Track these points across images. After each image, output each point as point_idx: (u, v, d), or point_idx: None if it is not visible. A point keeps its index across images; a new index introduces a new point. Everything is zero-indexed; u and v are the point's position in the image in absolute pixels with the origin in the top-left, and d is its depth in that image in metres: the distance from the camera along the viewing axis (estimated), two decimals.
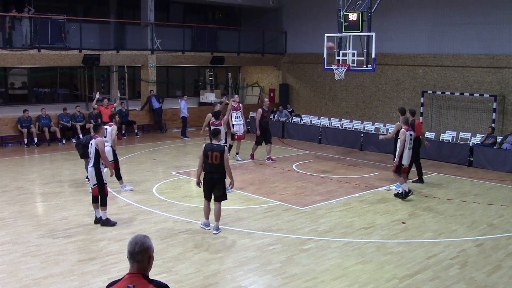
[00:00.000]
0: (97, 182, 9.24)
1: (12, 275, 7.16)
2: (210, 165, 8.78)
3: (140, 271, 3.28)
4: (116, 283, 3.31)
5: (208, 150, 8.78)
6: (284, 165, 15.07)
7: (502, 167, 14.99)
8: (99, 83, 23.72)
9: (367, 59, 14.92)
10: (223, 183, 8.92)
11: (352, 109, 22.46)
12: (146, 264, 3.30)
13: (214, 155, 8.71)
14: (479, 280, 7.27)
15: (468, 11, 18.41)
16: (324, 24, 20.86)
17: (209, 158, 8.74)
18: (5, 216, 9.86)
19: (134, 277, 3.26)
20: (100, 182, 9.25)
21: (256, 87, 27.21)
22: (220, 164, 8.72)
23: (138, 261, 3.27)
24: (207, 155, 8.76)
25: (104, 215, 9.37)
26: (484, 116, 18.06)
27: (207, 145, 8.86)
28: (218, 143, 9.01)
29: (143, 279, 3.26)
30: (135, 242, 3.30)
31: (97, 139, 9.34)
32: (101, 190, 9.30)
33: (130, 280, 3.25)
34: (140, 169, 14.16)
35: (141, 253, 3.27)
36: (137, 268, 3.28)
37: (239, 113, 15.27)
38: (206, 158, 8.78)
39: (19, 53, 17.74)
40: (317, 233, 9.15)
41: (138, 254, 3.27)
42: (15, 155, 16.22)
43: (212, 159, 8.73)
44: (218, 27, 24.55)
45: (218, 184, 8.84)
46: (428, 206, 11.08)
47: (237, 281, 7.14)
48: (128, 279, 3.27)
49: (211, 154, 8.72)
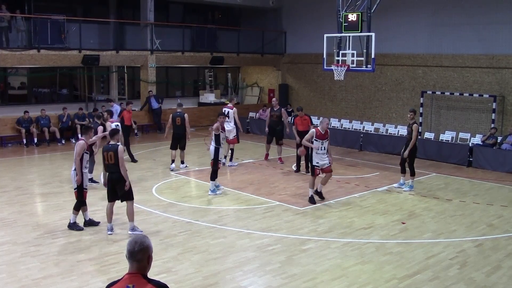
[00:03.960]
0: (77, 186, 9.06)
1: (12, 275, 7.16)
2: (107, 165, 8.78)
3: (140, 271, 3.30)
4: (115, 283, 3.32)
5: (104, 151, 8.78)
6: (284, 165, 15.07)
7: (502, 168, 14.99)
8: (98, 83, 23.72)
9: (366, 59, 14.92)
10: (123, 182, 8.78)
11: (352, 109, 22.46)
12: (145, 263, 3.31)
13: (109, 155, 8.69)
14: (478, 280, 7.27)
15: (467, 11, 18.41)
16: (323, 24, 20.85)
17: (105, 159, 8.75)
18: (5, 216, 9.86)
19: (133, 277, 3.27)
20: (80, 187, 9.06)
21: (256, 87, 27.22)
22: (116, 163, 8.67)
23: (137, 261, 3.29)
24: (103, 155, 8.78)
25: (73, 219, 9.16)
26: (484, 117, 18.06)
27: (104, 146, 8.91)
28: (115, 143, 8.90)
29: (143, 279, 3.27)
30: (134, 241, 3.32)
31: (78, 141, 9.20)
32: (80, 194, 9.09)
33: (130, 280, 3.26)
34: (139, 169, 14.15)
35: (141, 252, 3.29)
36: (137, 268, 3.30)
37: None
38: (103, 159, 8.79)
39: (18, 53, 17.74)
40: (317, 233, 9.15)
41: (138, 254, 3.28)
42: (14, 155, 16.22)
43: (108, 159, 8.73)
44: (217, 27, 24.56)
45: (118, 184, 8.77)
46: (427, 206, 11.08)
47: (236, 281, 7.14)
48: (127, 279, 3.28)
49: (106, 155, 8.72)
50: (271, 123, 15.42)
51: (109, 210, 8.94)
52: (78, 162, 9.02)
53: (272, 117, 15.43)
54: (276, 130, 15.40)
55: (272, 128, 15.41)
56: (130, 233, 8.83)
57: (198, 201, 11.15)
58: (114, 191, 8.85)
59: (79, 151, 9.04)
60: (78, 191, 9.08)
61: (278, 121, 15.37)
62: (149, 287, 3.23)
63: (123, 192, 8.80)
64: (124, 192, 8.80)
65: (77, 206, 9.15)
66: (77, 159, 9.01)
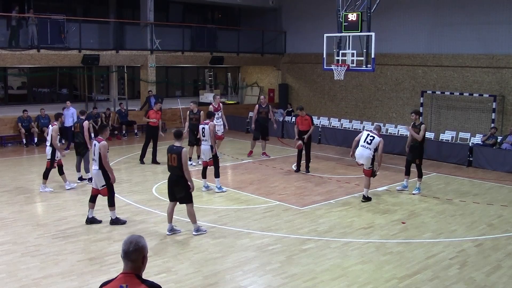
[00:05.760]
0: (105, 183, 9.22)
1: (12, 275, 7.16)
2: (169, 166, 8.71)
3: (134, 271, 3.31)
4: (109, 282, 3.33)
5: (168, 152, 8.72)
6: (284, 165, 15.07)
7: (502, 167, 14.99)
8: (98, 83, 23.72)
9: (366, 59, 14.93)
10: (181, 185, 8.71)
11: (352, 109, 22.47)
12: (140, 264, 3.33)
13: (172, 157, 8.63)
14: (478, 280, 7.28)
15: (467, 11, 18.42)
16: (323, 24, 20.86)
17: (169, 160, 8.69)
18: (5, 216, 9.85)
19: (127, 277, 3.29)
20: (108, 182, 9.24)
21: (256, 87, 27.22)
22: (178, 166, 8.58)
23: (132, 261, 3.30)
24: (167, 157, 8.72)
25: (113, 215, 9.38)
26: (484, 116, 18.07)
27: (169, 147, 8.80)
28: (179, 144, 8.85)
29: (136, 279, 3.28)
30: (129, 241, 3.34)
31: (100, 143, 9.22)
32: (110, 190, 9.30)
33: (124, 280, 3.27)
34: (139, 169, 14.15)
35: (135, 252, 3.30)
36: (131, 268, 3.31)
37: (219, 113, 15.42)
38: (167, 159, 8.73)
39: (18, 53, 17.74)
40: (317, 233, 9.15)
41: (132, 254, 3.30)
42: (14, 155, 16.23)
43: (171, 161, 8.66)
44: (217, 27, 24.56)
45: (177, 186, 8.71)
46: (427, 206, 11.08)
47: (236, 281, 7.14)
48: (121, 278, 3.29)
49: (170, 156, 8.66)
50: (259, 120, 15.97)
51: (170, 210, 8.90)
52: (108, 164, 9.17)
53: (260, 114, 15.98)
54: (263, 127, 15.91)
55: (260, 124, 15.92)
56: (195, 234, 8.83)
57: (197, 201, 11.13)
58: (172, 192, 8.79)
59: (104, 153, 9.12)
60: (108, 187, 9.22)
61: (266, 118, 16.02)
62: (142, 287, 3.24)
63: (182, 195, 8.73)
64: (183, 195, 8.74)
65: (111, 201, 9.29)
66: (105, 161, 9.10)
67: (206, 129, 11.73)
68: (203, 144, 11.91)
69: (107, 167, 9.17)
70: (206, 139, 11.77)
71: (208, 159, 11.82)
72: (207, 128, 11.73)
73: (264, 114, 15.99)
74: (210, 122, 11.85)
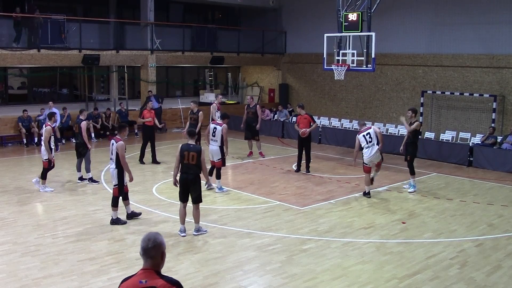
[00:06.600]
0: (118, 182, 9.32)
1: (12, 275, 7.16)
2: (186, 165, 8.67)
3: (153, 267, 3.40)
4: (130, 278, 3.43)
5: (184, 150, 8.66)
6: (284, 165, 15.07)
7: (502, 167, 14.99)
8: (99, 83, 23.72)
9: (367, 59, 14.92)
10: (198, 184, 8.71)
11: (352, 109, 22.46)
12: (159, 260, 3.42)
13: (191, 155, 8.61)
14: (478, 280, 7.27)
15: (468, 11, 18.41)
16: (324, 24, 20.86)
17: (185, 158, 8.65)
18: (5, 216, 9.85)
19: (146, 273, 3.38)
20: (121, 183, 9.31)
21: (256, 87, 27.21)
22: (197, 164, 8.59)
23: (151, 257, 3.39)
24: (183, 155, 8.65)
25: (115, 215, 9.42)
26: (484, 116, 18.06)
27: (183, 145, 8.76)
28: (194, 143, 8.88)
29: (155, 275, 3.38)
30: (148, 238, 3.42)
31: (118, 143, 9.25)
32: (120, 191, 9.35)
33: (143, 276, 3.37)
34: (140, 169, 14.14)
35: (154, 249, 3.39)
36: (150, 264, 3.40)
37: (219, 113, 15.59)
38: (182, 158, 8.67)
39: (18, 53, 17.74)
40: (317, 233, 9.15)
41: (151, 250, 3.39)
42: (14, 155, 16.23)
43: (189, 159, 8.62)
44: (218, 27, 24.55)
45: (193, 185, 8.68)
46: (428, 206, 11.08)
47: (237, 281, 7.13)
48: (141, 274, 3.39)
49: (187, 154, 8.63)
50: (247, 120, 16.29)
51: (182, 211, 8.85)
52: (126, 164, 9.29)
53: (248, 114, 16.31)
54: (252, 127, 16.09)
55: (248, 124, 16.19)
56: (195, 234, 8.84)
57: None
58: (187, 192, 8.72)
59: (122, 153, 9.20)
60: (119, 187, 9.32)
61: (254, 118, 16.20)
62: (161, 282, 3.32)
63: (197, 194, 8.70)
64: (198, 194, 8.72)
65: (115, 202, 9.37)
66: (123, 161, 9.21)
67: (218, 130, 11.63)
68: (211, 144, 11.83)
69: (125, 167, 9.28)
70: (216, 139, 11.69)
71: (217, 159, 11.78)
72: (219, 129, 11.63)
73: (251, 114, 16.21)
74: (223, 124, 11.75)
